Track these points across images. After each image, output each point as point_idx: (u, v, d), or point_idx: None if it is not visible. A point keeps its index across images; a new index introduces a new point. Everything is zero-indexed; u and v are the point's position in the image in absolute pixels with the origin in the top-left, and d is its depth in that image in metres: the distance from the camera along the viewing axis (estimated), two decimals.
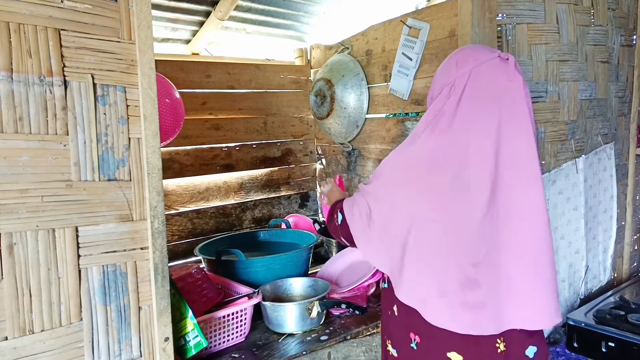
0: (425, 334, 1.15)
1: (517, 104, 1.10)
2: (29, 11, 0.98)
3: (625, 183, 2.30)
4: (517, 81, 1.11)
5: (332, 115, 2.48)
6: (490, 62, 1.12)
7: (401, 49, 2.13)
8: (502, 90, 1.10)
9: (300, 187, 2.91)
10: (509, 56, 1.14)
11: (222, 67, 2.53)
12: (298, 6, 2.53)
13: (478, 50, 1.19)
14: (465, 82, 1.12)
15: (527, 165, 1.09)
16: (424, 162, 1.12)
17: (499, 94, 1.10)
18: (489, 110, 1.09)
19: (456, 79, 1.14)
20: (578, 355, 1.84)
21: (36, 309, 1.02)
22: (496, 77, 1.11)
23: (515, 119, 1.09)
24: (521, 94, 1.10)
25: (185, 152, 2.42)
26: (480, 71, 1.12)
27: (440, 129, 1.12)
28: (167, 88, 1.91)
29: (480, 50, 1.18)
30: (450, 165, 1.09)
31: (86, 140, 1.06)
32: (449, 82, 1.16)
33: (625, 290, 2.15)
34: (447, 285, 1.09)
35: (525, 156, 1.09)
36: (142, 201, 1.14)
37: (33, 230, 1.01)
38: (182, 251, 2.39)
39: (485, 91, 1.10)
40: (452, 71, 1.16)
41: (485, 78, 1.11)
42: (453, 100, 1.12)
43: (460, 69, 1.14)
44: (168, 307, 1.18)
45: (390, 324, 1.27)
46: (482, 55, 1.14)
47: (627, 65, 2.21)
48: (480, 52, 1.16)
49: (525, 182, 1.09)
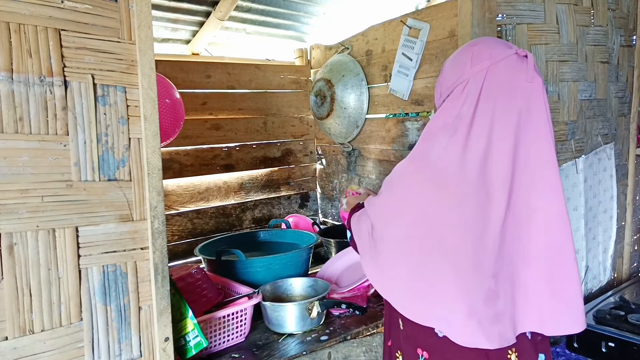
0: (434, 350, 1.09)
1: (536, 107, 1.04)
2: (29, 11, 0.98)
3: (625, 183, 2.30)
4: (537, 83, 1.05)
5: (332, 116, 2.48)
6: (508, 59, 1.05)
7: (401, 49, 2.13)
8: (521, 91, 1.04)
9: (300, 187, 2.91)
10: (527, 53, 1.07)
11: (222, 67, 2.53)
12: (298, 6, 2.53)
13: (494, 45, 1.10)
14: (482, 81, 1.04)
15: (547, 171, 1.05)
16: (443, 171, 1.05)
17: (518, 95, 1.04)
18: (508, 114, 1.03)
19: (470, 77, 1.06)
20: (578, 355, 1.84)
21: (36, 309, 1.02)
22: (515, 76, 1.05)
23: (535, 123, 1.04)
24: (540, 97, 1.05)
25: (185, 152, 2.42)
26: (498, 69, 1.05)
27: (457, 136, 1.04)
28: (167, 88, 1.91)
29: (497, 46, 1.09)
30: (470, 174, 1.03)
31: (86, 140, 1.06)
32: (462, 79, 1.08)
33: (625, 291, 2.15)
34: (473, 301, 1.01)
35: (544, 162, 1.05)
36: (142, 201, 1.14)
37: (33, 231, 1.01)
38: (182, 251, 2.39)
39: (504, 92, 1.04)
40: (466, 67, 1.08)
41: (504, 78, 1.04)
42: (470, 103, 1.05)
43: (475, 66, 1.06)
44: (168, 307, 1.18)
45: (400, 337, 1.20)
46: (499, 52, 1.06)
47: (627, 66, 2.21)
48: (497, 48, 1.08)
49: (544, 188, 1.05)
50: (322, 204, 2.96)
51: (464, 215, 1.03)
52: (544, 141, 1.05)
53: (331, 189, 2.84)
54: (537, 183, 1.05)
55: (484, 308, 1.01)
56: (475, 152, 1.03)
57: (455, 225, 1.03)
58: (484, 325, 1.01)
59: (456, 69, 1.11)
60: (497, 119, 1.03)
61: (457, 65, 1.12)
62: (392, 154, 2.32)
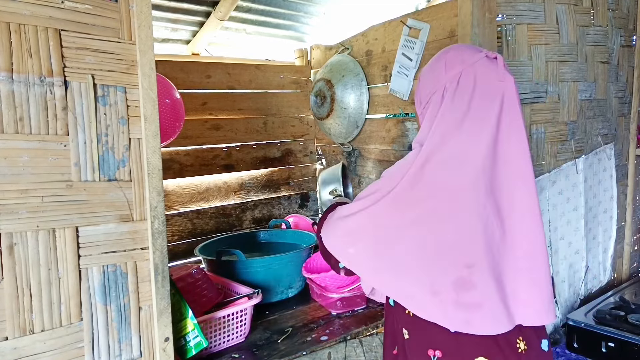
0: (446, 347, 1.11)
1: (510, 103, 1.09)
2: (30, 11, 0.98)
3: (625, 183, 2.31)
4: (509, 81, 1.10)
5: (332, 116, 2.48)
6: (479, 62, 1.11)
7: (401, 50, 2.13)
8: (493, 90, 1.09)
9: (300, 188, 2.91)
10: (496, 55, 1.13)
11: (222, 68, 2.53)
12: (298, 6, 2.54)
13: (465, 50, 1.17)
14: (457, 84, 1.11)
15: (521, 166, 1.09)
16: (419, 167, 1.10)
17: (491, 94, 1.09)
18: (484, 111, 1.08)
19: (446, 83, 1.12)
20: (578, 355, 1.84)
21: (36, 309, 1.02)
22: (487, 77, 1.10)
23: (509, 119, 1.09)
24: (513, 93, 1.10)
25: (185, 152, 2.42)
26: (470, 72, 1.11)
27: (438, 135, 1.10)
28: (168, 88, 1.91)
29: (468, 50, 1.16)
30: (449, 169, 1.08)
31: (86, 140, 1.06)
32: (439, 85, 1.14)
33: (625, 291, 2.15)
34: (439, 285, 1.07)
35: (519, 156, 1.09)
36: (143, 201, 1.14)
37: (33, 231, 1.01)
38: (182, 251, 2.39)
39: (479, 92, 1.09)
40: (441, 75, 1.14)
41: (476, 79, 1.10)
42: (447, 105, 1.10)
43: (449, 72, 1.13)
44: (168, 307, 1.18)
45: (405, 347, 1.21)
46: (470, 56, 1.13)
47: (627, 66, 2.21)
48: (468, 53, 1.14)
49: (519, 183, 1.09)
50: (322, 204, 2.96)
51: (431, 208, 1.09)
52: (518, 136, 1.09)
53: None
54: (513, 177, 1.09)
55: (451, 292, 1.06)
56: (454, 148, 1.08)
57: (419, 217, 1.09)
58: (447, 306, 1.06)
59: (432, 78, 1.18)
60: (473, 117, 1.08)
61: (432, 75, 1.19)
62: (392, 154, 2.32)
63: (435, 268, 1.08)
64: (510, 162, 1.09)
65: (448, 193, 1.08)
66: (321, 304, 1.87)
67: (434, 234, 1.09)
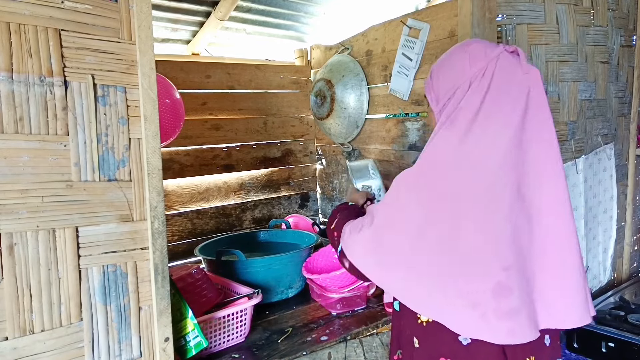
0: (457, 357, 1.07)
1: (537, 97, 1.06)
2: (30, 11, 0.98)
3: (625, 183, 2.31)
4: (534, 73, 1.07)
5: (332, 116, 2.48)
6: (501, 55, 1.08)
7: (401, 50, 2.13)
8: (520, 83, 1.06)
9: (300, 188, 2.91)
10: (515, 48, 1.10)
11: (222, 68, 2.53)
12: (298, 6, 2.54)
13: (485, 44, 1.13)
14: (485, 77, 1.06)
15: (552, 163, 1.06)
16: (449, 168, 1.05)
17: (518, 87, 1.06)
18: (512, 106, 1.04)
19: (471, 77, 1.08)
20: (578, 355, 1.84)
21: (36, 309, 1.02)
22: (511, 70, 1.07)
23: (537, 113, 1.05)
24: (540, 86, 1.07)
25: (185, 152, 2.42)
26: (496, 66, 1.07)
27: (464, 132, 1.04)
28: (168, 88, 1.91)
29: (488, 44, 1.13)
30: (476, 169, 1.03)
31: (86, 140, 1.06)
32: (463, 80, 1.09)
33: (625, 291, 2.15)
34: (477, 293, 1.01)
35: (550, 153, 1.06)
36: (143, 201, 1.14)
37: (33, 231, 1.01)
38: (182, 251, 2.39)
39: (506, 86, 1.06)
40: (465, 69, 1.09)
41: (502, 72, 1.07)
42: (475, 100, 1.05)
43: (474, 66, 1.08)
44: (168, 307, 1.18)
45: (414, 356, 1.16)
46: (491, 50, 1.09)
47: (627, 66, 2.21)
48: (489, 46, 1.11)
49: (550, 180, 1.05)
50: (322, 204, 2.96)
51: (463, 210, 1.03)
52: (548, 132, 1.06)
53: (331, 189, 2.84)
54: (543, 175, 1.05)
55: (491, 301, 1.00)
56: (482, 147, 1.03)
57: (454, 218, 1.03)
58: (489, 319, 1.00)
59: (453, 72, 1.12)
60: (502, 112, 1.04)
61: (452, 69, 1.13)
62: (392, 154, 2.32)
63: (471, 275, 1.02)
64: (541, 160, 1.05)
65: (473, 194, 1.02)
66: (321, 304, 1.87)
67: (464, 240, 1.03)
